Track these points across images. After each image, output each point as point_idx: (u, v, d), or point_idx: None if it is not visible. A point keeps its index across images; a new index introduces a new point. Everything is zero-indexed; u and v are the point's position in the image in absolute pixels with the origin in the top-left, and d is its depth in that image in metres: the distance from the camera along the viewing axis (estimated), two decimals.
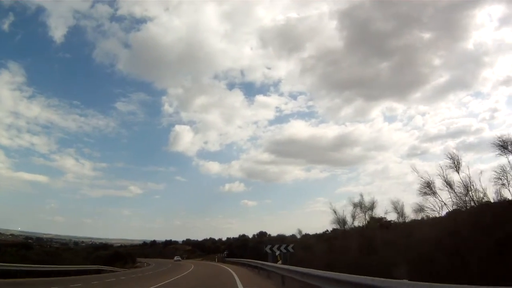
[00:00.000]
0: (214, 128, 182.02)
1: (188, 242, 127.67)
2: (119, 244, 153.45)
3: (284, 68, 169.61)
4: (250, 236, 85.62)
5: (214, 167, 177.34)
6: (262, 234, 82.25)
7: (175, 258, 76.30)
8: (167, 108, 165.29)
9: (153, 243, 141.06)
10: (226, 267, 33.42)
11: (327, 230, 41.85)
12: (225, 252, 54.18)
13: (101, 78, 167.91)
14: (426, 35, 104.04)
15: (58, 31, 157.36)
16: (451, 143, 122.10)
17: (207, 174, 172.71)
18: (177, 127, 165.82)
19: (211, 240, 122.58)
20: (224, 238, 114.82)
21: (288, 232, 57.40)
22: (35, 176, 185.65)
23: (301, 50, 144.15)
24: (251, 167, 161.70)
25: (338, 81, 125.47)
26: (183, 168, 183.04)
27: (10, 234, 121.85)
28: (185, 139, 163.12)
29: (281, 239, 53.78)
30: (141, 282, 20.03)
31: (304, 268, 11.46)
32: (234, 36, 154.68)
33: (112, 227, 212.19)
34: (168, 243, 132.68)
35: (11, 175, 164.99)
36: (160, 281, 18.16)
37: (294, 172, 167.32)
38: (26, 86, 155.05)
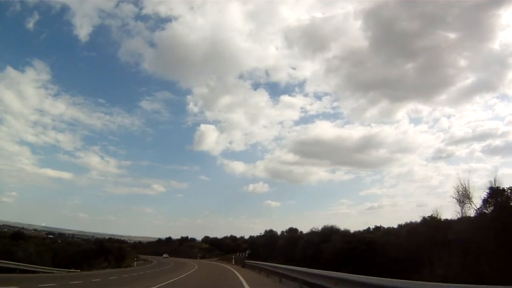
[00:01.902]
0: (239, 128, 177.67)
1: (206, 239, 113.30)
2: (135, 241, 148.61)
3: (309, 68, 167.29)
4: (278, 232, 69.25)
5: (238, 167, 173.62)
6: (292, 231, 65.97)
7: (164, 255, 74.35)
8: (192, 107, 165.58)
9: (169, 240, 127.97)
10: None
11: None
12: (247, 252, 38.52)
13: (126, 77, 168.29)
14: (452, 36, 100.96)
15: (83, 30, 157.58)
16: (477, 146, 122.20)
17: (231, 174, 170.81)
18: (202, 126, 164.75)
19: (232, 237, 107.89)
20: (246, 236, 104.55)
21: None
22: (59, 173, 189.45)
23: (326, 50, 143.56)
24: (276, 167, 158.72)
25: (363, 82, 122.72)
26: (207, 168, 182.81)
27: (33, 229, 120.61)
28: (210, 139, 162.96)
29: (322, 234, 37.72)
30: None
31: None
32: (259, 35, 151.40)
33: (135, 224, 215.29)
34: (184, 240, 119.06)
35: (36, 171, 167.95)
36: None
37: (319, 173, 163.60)
38: (51, 84, 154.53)
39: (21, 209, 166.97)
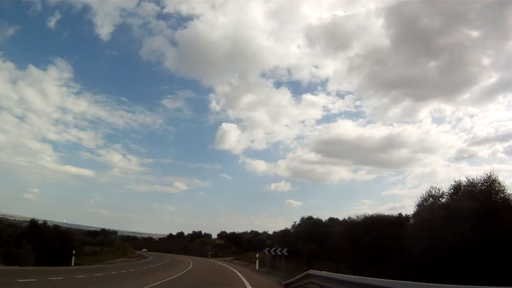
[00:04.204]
0: (261, 127, 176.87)
1: (222, 235, 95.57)
2: (145, 237, 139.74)
3: (331, 67, 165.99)
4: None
5: (260, 165, 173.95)
6: (332, 220, 47.01)
7: (143, 250, 71.42)
8: (214, 105, 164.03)
9: (180, 235, 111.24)
10: None
11: None
12: (281, 249, 19.90)
13: (148, 75, 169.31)
14: (474, 33, 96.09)
15: (104, 29, 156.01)
16: (500, 147, 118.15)
17: (253, 173, 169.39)
18: (224, 125, 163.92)
19: (253, 233, 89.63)
20: (270, 232, 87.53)
21: None
22: (81, 170, 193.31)
23: (348, 49, 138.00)
24: (297, 166, 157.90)
25: (385, 81, 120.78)
26: (229, 166, 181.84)
27: (54, 225, 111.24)
28: (232, 137, 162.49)
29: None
30: None
31: None
32: (280, 34, 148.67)
33: (156, 222, 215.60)
34: (196, 236, 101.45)
35: (58, 168, 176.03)
36: None
37: (340, 172, 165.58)
38: (73, 82, 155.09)
39: (42, 205, 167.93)
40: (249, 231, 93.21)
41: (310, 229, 33.75)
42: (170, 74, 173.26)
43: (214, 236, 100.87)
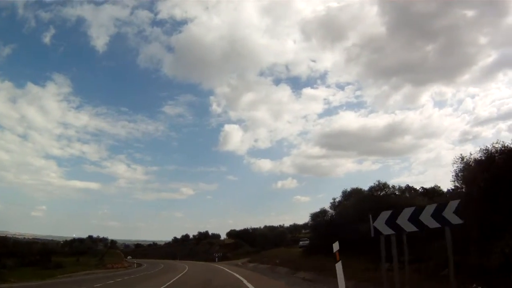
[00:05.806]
0: (263, 125, 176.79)
1: (231, 233, 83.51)
2: (149, 243, 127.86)
3: (329, 59, 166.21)
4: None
5: (265, 164, 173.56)
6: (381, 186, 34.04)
7: (128, 257, 66.26)
8: (215, 108, 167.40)
9: (185, 238, 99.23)
10: None
11: None
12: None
13: (147, 83, 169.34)
14: (469, 13, 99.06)
15: (100, 40, 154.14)
16: (503, 126, 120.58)
17: (258, 172, 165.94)
18: (226, 127, 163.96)
19: (268, 228, 77.53)
20: (286, 225, 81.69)
21: None
22: (87, 184, 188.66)
23: (344, 40, 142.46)
24: (303, 162, 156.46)
25: (384, 68, 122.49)
26: (235, 167, 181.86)
27: (63, 241, 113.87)
28: (235, 138, 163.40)
29: None
30: None
31: None
32: (275, 30, 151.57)
33: (165, 229, 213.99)
34: (203, 237, 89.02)
35: (63, 183, 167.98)
36: None
37: (346, 165, 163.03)
38: (73, 96, 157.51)
39: (51, 222, 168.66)
40: (262, 226, 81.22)
41: (369, 202, 20.88)
42: (169, 80, 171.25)
43: (224, 236, 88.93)
